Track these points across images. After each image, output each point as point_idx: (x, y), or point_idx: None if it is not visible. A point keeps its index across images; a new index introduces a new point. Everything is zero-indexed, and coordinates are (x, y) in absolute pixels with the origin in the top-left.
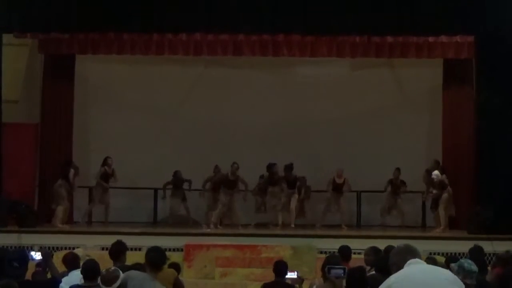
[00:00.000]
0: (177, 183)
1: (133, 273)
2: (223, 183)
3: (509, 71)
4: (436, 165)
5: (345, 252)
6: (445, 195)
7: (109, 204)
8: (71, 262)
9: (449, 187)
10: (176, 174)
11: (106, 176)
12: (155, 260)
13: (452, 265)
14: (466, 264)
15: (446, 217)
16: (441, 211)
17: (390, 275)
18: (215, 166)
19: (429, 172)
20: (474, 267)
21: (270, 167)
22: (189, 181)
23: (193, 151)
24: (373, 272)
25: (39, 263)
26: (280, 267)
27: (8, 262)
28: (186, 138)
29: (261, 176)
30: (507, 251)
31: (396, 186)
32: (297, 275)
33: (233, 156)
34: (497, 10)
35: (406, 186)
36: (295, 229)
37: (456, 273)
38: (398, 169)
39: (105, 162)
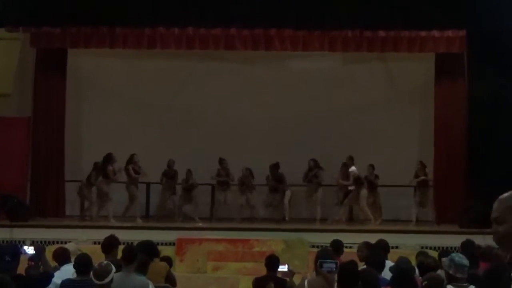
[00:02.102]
0: (169, 173)
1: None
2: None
3: (501, 65)
4: (351, 161)
5: (337, 246)
6: (363, 191)
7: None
8: (61, 256)
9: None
10: (168, 163)
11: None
12: (126, 254)
13: (444, 259)
14: (457, 258)
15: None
16: (364, 207)
17: (383, 268)
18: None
19: (346, 166)
20: (465, 261)
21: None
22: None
23: (186, 144)
24: (364, 266)
25: (31, 258)
26: (272, 261)
27: (0, 256)
28: (178, 132)
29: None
30: (488, 246)
31: (371, 182)
32: (288, 268)
33: (226, 150)
34: (488, 5)
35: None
36: (287, 223)
37: (448, 267)
38: (371, 166)
39: (131, 160)
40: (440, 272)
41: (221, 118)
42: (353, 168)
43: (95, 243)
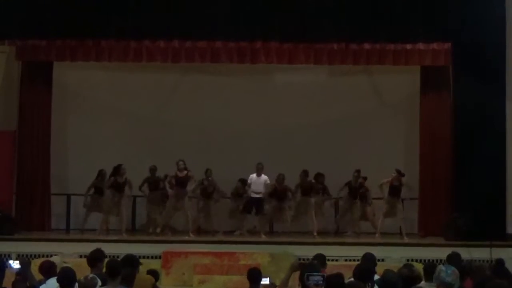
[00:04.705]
0: (153, 181)
1: None
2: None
3: (486, 78)
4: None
5: (319, 261)
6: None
7: (122, 214)
8: (47, 270)
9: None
10: (151, 171)
11: (117, 186)
12: (110, 268)
13: (439, 267)
14: (442, 274)
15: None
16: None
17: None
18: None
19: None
20: (449, 279)
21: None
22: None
23: (171, 157)
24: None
25: (18, 272)
26: (254, 274)
27: None
28: (164, 145)
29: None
30: (468, 260)
31: (354, 189)
32: (269, 281)
33: (211, 162)
34: (473, 18)
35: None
36: (272, 236)
37: (434, 278)
38: (357, 171)
39: (116, 171)
40: (423, 284)
41: (207, 130)
42: (264, 178)
43: (80, 256)
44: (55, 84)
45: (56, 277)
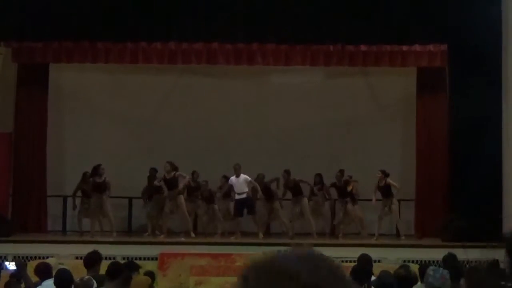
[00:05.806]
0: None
1: None
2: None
3: (482, 79)
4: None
5: None
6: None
7: (109, 215)
8: (43, 272)
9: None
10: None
11: (97, 187)
12: (111, 269)
13: (429, 269)
14: (430, 279)
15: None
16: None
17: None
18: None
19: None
20: (437, 283)
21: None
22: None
23: (168, 158)
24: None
25: (13, 274)
26: None
27: None
28: (160, 146)
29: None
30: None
31: (340, 189)
32: None
33: (207, 164)
34: (469, 19)
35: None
36: (269, 237)
37: (424, 281)
38: (341, 171)
39: (95, 172)
40: (419, 285)
41: (203, 132)
42: (243, 177)
43: (77, 258)
44: (51, 86)
45: (51, 279)
